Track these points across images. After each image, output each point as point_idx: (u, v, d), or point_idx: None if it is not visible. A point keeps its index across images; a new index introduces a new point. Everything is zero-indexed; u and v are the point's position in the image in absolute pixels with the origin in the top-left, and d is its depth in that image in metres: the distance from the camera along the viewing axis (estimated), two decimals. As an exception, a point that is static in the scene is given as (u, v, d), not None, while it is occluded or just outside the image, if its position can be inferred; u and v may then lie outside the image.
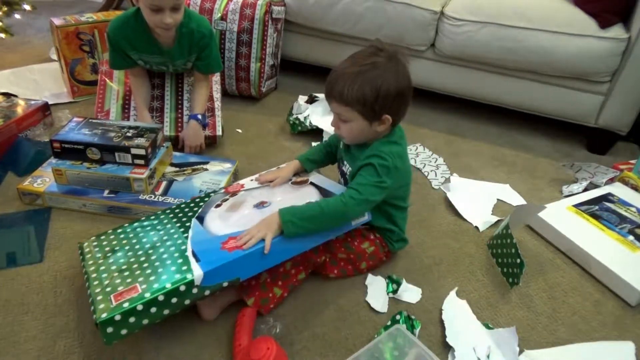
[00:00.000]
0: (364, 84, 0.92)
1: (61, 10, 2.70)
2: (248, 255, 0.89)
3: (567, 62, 1.64)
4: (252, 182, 1.18)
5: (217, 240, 0.93)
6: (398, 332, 0.91)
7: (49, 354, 0.89)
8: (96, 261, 0.95)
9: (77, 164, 1.28)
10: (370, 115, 0.95)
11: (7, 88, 1.83)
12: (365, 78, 0.92)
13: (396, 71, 0.94)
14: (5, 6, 2.20)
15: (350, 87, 0.92)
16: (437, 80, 1.91)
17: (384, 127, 0.98)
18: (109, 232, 1.05)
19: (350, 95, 0.92)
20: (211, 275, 0.86)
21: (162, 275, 0.86)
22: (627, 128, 1.73)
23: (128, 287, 0.85)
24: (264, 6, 1.80)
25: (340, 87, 0.93)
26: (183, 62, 1.51)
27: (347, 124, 0.98)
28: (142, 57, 1.47)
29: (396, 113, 0.98)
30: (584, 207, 1.37)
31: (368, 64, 0.93)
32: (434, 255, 1.23)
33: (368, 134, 1.00)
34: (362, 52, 0.97)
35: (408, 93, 0.98)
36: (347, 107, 0.94)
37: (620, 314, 1.10)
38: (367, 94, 0.92)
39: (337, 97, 0.94)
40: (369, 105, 0.93)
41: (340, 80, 0.93)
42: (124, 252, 0.96)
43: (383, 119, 0.96)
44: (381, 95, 0.92)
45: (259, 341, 0.86)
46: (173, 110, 1.58)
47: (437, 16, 1.77)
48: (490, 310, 1.08)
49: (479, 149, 1.78)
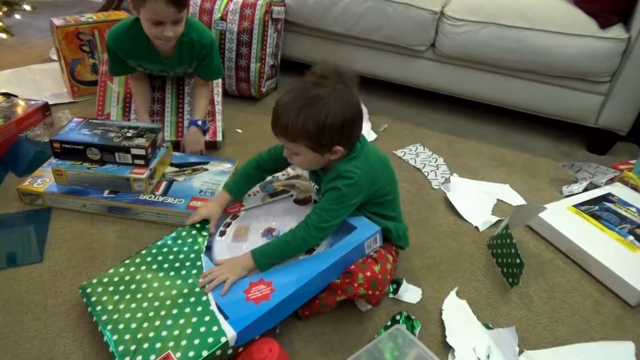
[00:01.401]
0: (307, 119, 0.88)
1: (61, 10, 2.70)
2: (277, 305, 0.89)
3: (567, 62, 1.64)
4: (249, 197, 1.18)
5: (239, 289, 0.92)
6: (398, 332, 0.91)
7: (49, 354, 0.89)
8: (109, 314, 0.91)
9: (77, 164, 1.28)
10: (318, 148, 0.92)
11: (7, 88, 1.83)
12: (308, 113, 0.88)
13: (340, 100, 0.89)
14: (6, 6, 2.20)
15: (294, 122, 0.88)
16: (437, 80, 1.91)
17: (336, 156, 0.94)
18: (111, 272, 1.00)
19: (294, 131, 0.89)
20: (244, 333, 0.86)
21: (194, 339, 0.84)
22: (627, 128, 1.73)
23: (161, 356, 0.82)
24: (264, 6, 1.80)
25: (284, 122, 0.90)
26: (183, 69, 1.51)
27: (298, 156, 0.96)
28: (141, 65, 1.46)
29: (347, 140, 0.93)
30: (584, 207, 1.37)
31: (310, 98, 0.88)
32: (434, 256, 1.23)
33: (323, 162, 0.97)
34: (304, 82, 0.92)
35: (357, 119, 0.93)
36: (294, 142, 0.92)
37: (620, 314, 1.10)
38: (310, 129, 0.88)
39: (282, 132, 0.91)
40: (315, 140, 0.90)
41: (283, 114, 0.90)
42: (138, 303, 0.92)
43: (334, 149, 0.92)
44: (327, 129, 0.88)
45: (261, 342, 0.86)
46: (174, 114, 1.58)
47: (437, 16, 1.77)
48: (490, 310, 1.08)
49: (479, 149, 1.78)
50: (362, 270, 0.94)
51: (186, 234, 1.09)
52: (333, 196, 0.94)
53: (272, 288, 0.91)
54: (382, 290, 0.95)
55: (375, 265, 0.95)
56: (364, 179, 0.94)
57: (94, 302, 0.94)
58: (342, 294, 0.95)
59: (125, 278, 0.98)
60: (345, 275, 0.95)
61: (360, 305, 1.04)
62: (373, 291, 0.94)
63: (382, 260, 0.99)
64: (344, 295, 0.95)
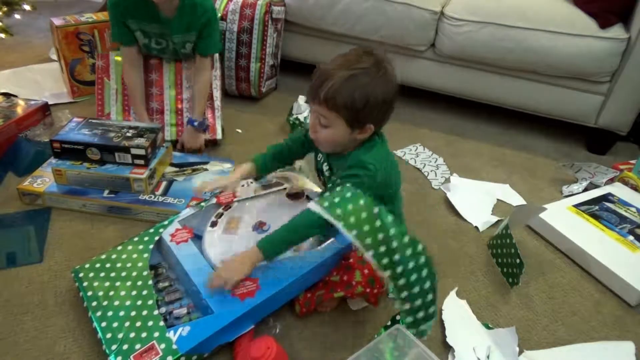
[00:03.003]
0: (354, 90, 0.86)
1: (61, 10, 2.70)
2: (261, 303, 0.90)
3: (567, 62, 1.64)
4: (243, 187, 1.18)
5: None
6: (398, 332, 0.91)
7: (49, 354, 0.89)
8: (99, 301, 0.92)
9: (77, 164, 1.28)
10: (354, 122, 0.89)
11: (7, 88, 1.82)
12: (357, 84, 0.86)
13: (385, 79, 0.89)
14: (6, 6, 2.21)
15: (339, 91, 0.86)
16: (437, 80, 1.91)
17: (364, 136, 0.93)
18: (103, 257, 1.02)
19: (339, 100, 0.86)
20: (229, 328, 0.87)
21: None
22: (627, 128, 1.73)
23: (146, 346, 0.83)
24: (263, 6, 1.80)
25: (328, 90, 0.86)
26: (182, 37, 1.46)
27: (327, 129, 0.91)
28: (141, 27, 1.43)
29: (380, 122, 0.93)
30: (584, 207, 1.37)
31: (359, 69, 0.87)
32: (434, 255, 1.21)
33: (347, 142, 0.94)
34: (351, 54, 0.91)
35: (394, 102, 0.93)
36: (332, 112, 0.88)
37: (620, 314, 1.10)
38: (356, 100, 0.86)
39: (324, 99, 0.87)
40: (356, 113, 0.87)
41: (329, 81, 0.86)
42: (127, 291, 0.94)
43: (366, 127, 0.91)
44: (370, 104, 0.87)
45: (259, 341, 0.86)
46: (173, 112, 1.57)
47: (437, 16, 1.77)
48: (490, 310, 1.08)
49: (479, 149, 1.78)
50: (361, 267, 0.94)
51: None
52: (351, 182, 0.91)
53: (258, 285, 0.92)
54: (379, 289, 0.95)
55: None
56: (380, 175, 0.93)
57: (86, 287, 0.96)
58: (340, 290, 0.95)
59: (117, 264, 1.00)
60: (345, 271, 0.95)
61: (352, 304, 1.04)
62: (371, 289, 0.94)
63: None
64: (342, 292, 0.95)
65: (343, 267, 0.96)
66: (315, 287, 0.99)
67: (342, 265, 0.96)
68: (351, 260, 0.95)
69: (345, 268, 0.95)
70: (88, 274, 0.98)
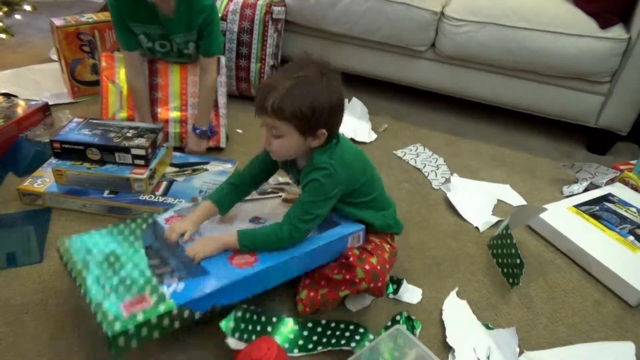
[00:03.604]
0: (299, 97, 0.87)
1: (61, 10, 2.70)
2: (259, 273, 0.91)
3: (567, 62, 1.64)
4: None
5: (222, 255, 0.94)
6: (398, 333, 0.91)
7: (49, 354, 0.89)
8: (85, 262, 0.93)
9: (77, 165, 1.28)
10: (306, 129, 0.90)
11: (8, 88, 1.83)
12: (301, 91, 0.87)
13: (329, 84, 0.90)
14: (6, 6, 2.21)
15: (285, 100, 0.87)
16: (437, 80, 1.91)
17: (318, 142, 0.93)
18: (93, 232, 1.03)
19: (286, 109, 0.87)
20: (225, 291, 0.87)
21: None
22: (627, 128, 1.73)
23: (137, 297, 0.83)
24: (264, 7, 1.80)
25: (274, 101, 0.87)
26: (184, 36, 1.45)
27: (280, 139, 0.92)
28: (144, 30, 1.43)
29: (332, 126, 0.93)
30: (584, 207, 1.37)
31: (301, 77, 0.88)
32: (435, 256, 1.23)
33: (301, 150, 0.95)
34: (292, 65, 0.93)
35: (341, 106, 0.94)
36: (282, 122, 0.89)
37: (620, 314, 1.10)
38: (303, 107, 0.87)
39: (272, 111, 0.88)
40: (306, 119, 0.88)
41: (273, 92, 0.88)
42: (116, 256, 0.95)
43: (319, 133, 0.91)
44: (317, 109, 0.88)
45: (259, 341, 0.86)
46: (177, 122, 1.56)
47: (437, 16, 1.77)
48: (491, 310, 1.07)
49: (479, 149, 1.78)
50: (361, 264, 0.94)
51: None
52: (312, 188, 0.93)
53: (256, 259, 0.93)
54: (383, 281, 0.96)
55: (372, 258, 0.97)
56: (340, 168, 0.93)
57: (74, 257, 0.95)
58: (345, 289, 0.96)
59: (105, 239, 1.01)
60: (347, 270, 0.95)
61: (352, 305, 1.04)
62: (375, 283, 0.95)
63: (378, 252, 1.00)
64: (347, 290, 0.96)
65: (344, 266, 0.96)
66: (319, 286, 0.99)
67: (343, 264, 0.96)
68: (351, 259, 0.95)
69: (346, 267, 0.96)
70: (75, 246, 0.98)
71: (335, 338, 0.96)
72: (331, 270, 0.97)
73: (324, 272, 0.98)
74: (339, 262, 0.98)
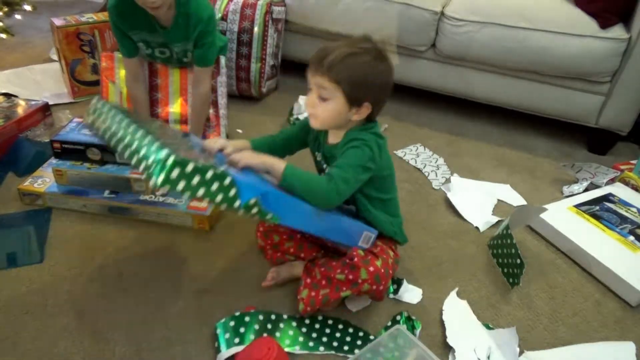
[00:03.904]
0: (356, 65, 0.89)
1: (62, 10, 2.70)
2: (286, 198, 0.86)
3: (567, 62, 1.64)
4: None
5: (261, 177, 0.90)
6: (398, 333, 0.91)
7: (49, 355, 0.89)
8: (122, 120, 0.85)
9: (77, 165, 1.28)
10: (353, 98, 0.91)
11: (8, 88, 1.83)
12: (360, 59, 0.90)
13: (386, 63, 0.93)
14: (6, 6, 2.21)
15: (343, 62, 0.89)
16: (438, 80, 1.91)
17: (359, 117, 0.94)
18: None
19: (341, 71, 0.89)
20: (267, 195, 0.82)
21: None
22: (628, 128, 1.72)
23: (188, 153, 0.77)
24: (264, 6, 1.80)
25: (332, 60, 0.89)
26: (182, 46, 1.45)
27: (326, 102, 0.92)
28: (142, 37, 1.42)
29: (377, 104, 0.95)
30: (585, 207, 1.37)
31: (363, 49, 0.91)
32: (435, 256, 1.23)
33: (341, 120, 0.95)
34: (356, 38, 0.96)
35: (390, 89, 0.96)
36: (333, 83, 0.90)
37: (620, 314, 1.09)
38: (358, 74, 0.89)
39: (327, 68, 0.89)
40: (357, 87, 0.90)
41: (335, 52, 0.90)
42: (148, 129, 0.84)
43: (363, 106, 0.92)
44: (369, 81, 0.90)
45: (260, 341, 0.86)
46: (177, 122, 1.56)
47: (437, 16, 1.77)
48: (491, 310, 1.07)
49: (480, 149, 1.78)
50: (365, 265, 0.94)
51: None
52: (353, 152, 0.91)
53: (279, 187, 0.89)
54: (385, 285, 0.96)
55: (376, 261, 0.96)
56: (376, 147, 0.93)
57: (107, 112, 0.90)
58: (346, 289, 0.95)
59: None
60: (350, 271, 0.95)
61: (352, 305, 1.04)
62: (377, 286, 0.94)
63: (383, 255, 0.99)
64: (349, 291, 0.95)
65: (348, 266, 0.96)
66: (320, 286, 0.98)
67: (347, 264, 0.96)
68: (355, 259, 0.95)
69: (350, 267, 0.96)
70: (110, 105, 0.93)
71: (337, 341, 0.96)
72: (334, 270, 0.97)
73: (326, 272, 0.98)
74: (342, 262, 0.97)
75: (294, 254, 1.11)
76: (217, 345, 0.91)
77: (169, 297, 1.03)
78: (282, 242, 1.11)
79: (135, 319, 0.98)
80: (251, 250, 1.18)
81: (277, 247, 1.12)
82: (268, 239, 1.11)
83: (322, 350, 0.94)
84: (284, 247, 1.11)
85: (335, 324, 0.99)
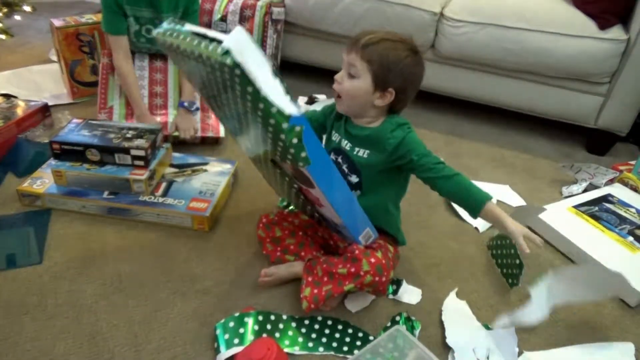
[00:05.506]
0: (390, 50, 0.93)
1: (61, 11, 2.70)
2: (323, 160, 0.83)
3: (566, 63, 1.65)
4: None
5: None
6: (398, 333, 0.91)
7: (49, 355, 0.89)
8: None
9: (76, 165, 1.28)
10: (380, 81, 0.94)
11: (7, 89, 1.83)
12: (394, 46, 0.93)
13: (418, 59, 0.97)
14: (5, 7, 2.21)
15: (378, 44, 0.93)
16: (437, 81, 1.92)
17: (381, 102, 0.97)
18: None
19: (375, 52, 0.92)
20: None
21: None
22: (627, 129, 1.73)
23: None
24: (264, 7, 1.80)
25: (369, 40, 0.93)
26: (172, 16, 1.49)
27: (353, 80, 0.95)
28: (134, 13, 1.48)
29: (401, 93, 0.97)
30: (584, 208, 1.37)
31: (401, 40, 0.95)
32: (434, 256, 1.23)
33: (364, 102, 0.97)
34: (394, 32, 0.99)
35: (417, 87, 1.00)
36: (365, 63, 0.93)
37: (619, 314, 1.10)
38: (389, 59, 0.92)
39: (362, 46, 0.93)
40: (385, 71, 0.93)
41: (371, 35, 0.94)
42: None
43: (388, 91, 0.95)
44: (399, 68, 0.93)
45: (259, 342, 0.86)
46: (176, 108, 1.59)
47: (436, 17, 1.77)
48: (490, 311, 1.07)
49: (479, 149, 1.78)
50: (366, 257, 0.95)
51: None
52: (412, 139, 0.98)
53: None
54: (387, 276, 0.96)
55: (377, 252, 0.97)
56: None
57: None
58: (349, 283, 0.95)
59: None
60: (352, 264, 0.95)
61: (352, 305, 1.04)
62: (379, 277, 0.94)
63: (382, 249, 1.01)
64: (352, 284, 0.95)
65: (349, 259, 0.96)
66: (322, 282, 0.98)
67: (348, 258, 0.96)
68: (356, 252, 0.95)
69: (351, 260, 0.96)
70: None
71: (337, 341, 0.96)
72: (335, 265, 0.97)
73: (328, 268, 0.98)
74: (343, 256, 0.98)
75: (294, 251, 1.11)
76: (216, 346, 0.91)
77: (169, 297, 1.03)
78: (283, 238, 1.12)
79: (134, 319, 0.98)
80: (251, 250, 1.18)
81: (278, 242, 1.12)
82: (270, 231, 1.12)
83: (322, 351, 0.94)
84: (285, 243, 1.12)
85: (334, 325, 0.99)
